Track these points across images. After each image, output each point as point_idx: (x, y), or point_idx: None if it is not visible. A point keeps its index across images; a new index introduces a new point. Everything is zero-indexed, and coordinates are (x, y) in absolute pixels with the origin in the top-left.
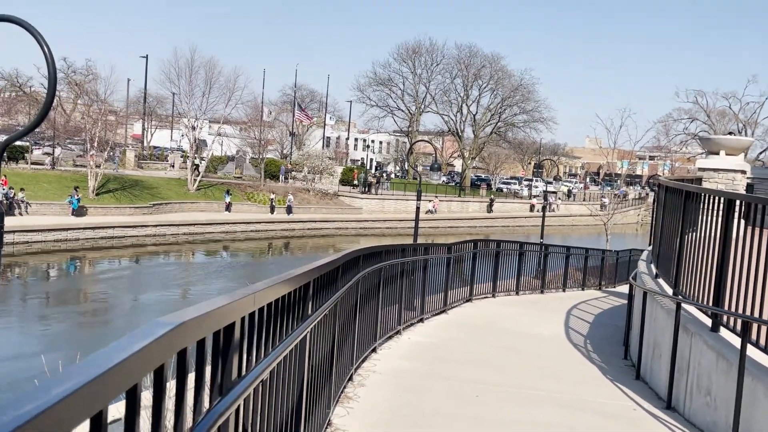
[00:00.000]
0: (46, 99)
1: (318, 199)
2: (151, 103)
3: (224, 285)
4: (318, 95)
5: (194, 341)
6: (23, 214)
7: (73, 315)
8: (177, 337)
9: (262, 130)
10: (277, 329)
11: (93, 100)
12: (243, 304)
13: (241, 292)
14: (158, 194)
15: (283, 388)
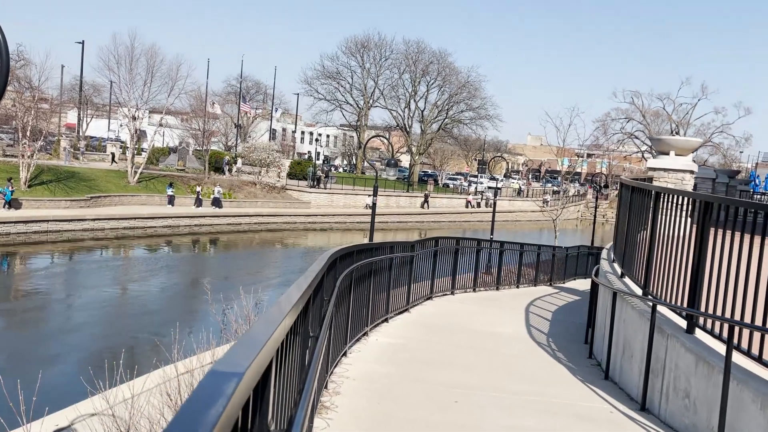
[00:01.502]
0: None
1: (265, 193)
2: (88, 91)
3: (165, 281)
4: (264, 87)
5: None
6: None
7: (2, 315)
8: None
9: (206, 121)
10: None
11: (25, 88)
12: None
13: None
14: (96, 187)
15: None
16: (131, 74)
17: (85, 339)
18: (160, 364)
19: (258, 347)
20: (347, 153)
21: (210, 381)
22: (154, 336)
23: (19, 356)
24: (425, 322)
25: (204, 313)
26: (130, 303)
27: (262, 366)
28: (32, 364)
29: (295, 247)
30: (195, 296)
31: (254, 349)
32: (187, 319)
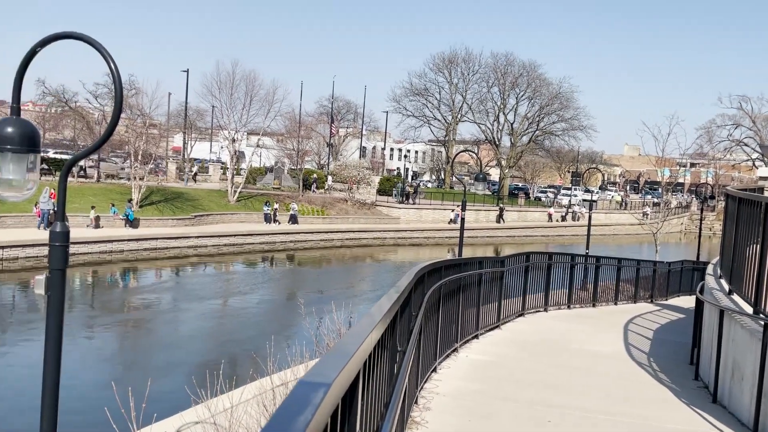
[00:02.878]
0: (113, 114)
1: (356, 209)
2: (192, 116)
3: (262, 296)
4: (354, 106)
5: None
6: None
7: (117, 326)
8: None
9: (299, 141)
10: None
11: (137, 115)
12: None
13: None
14: (200, 206)
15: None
16: (231, 99)
17: (189, 350)
18: (256, 376)
19: (345, 359)
20: (435, 168)
21: (300, 390)
22: (251, 348)
23: (131, 366)
24: (517, 340)
25: (298, 326)
26: (230, 316)
27: (350, 377)
28: (142, 373)
29: (385, 262)
30: (290, 310)
31: (342, 360)
32: (282, 332)
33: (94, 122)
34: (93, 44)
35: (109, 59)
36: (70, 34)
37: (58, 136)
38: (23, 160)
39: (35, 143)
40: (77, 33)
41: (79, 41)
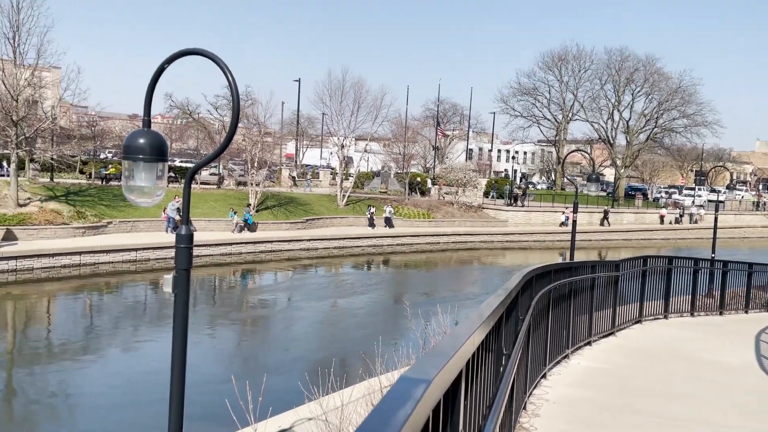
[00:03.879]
0: (231, 124)
1: (462, 212)
2: (303, 123)
3: (371, 297)
4: (460, 108)
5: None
6: (195, 231)
7: (236, 323)
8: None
9: (405, 145)
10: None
11: (253, 124)
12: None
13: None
14: (311, 210)
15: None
16: (341, 106)
17: (302, 348)
18: (365, 376)
19: (446, 358)
20: (545, 169)
21: (401, 385)
22: (360, 348)
23: (248, 362)
24: (633, 347)
25: (405, 328)
26: (339, 316)
27: (452, 375)
28: (258, 369)
29: (493, 265)
30: (397, 312)
31: (443, 359)
32: (390, 333)
33: (215, 132)
34: (213, 59)
35: (227, 72)
36: (194, 50)
37: (183, 146)
38: (153, 168)
39: (164, 153)
40: (200, 49)
41: (202, 57)
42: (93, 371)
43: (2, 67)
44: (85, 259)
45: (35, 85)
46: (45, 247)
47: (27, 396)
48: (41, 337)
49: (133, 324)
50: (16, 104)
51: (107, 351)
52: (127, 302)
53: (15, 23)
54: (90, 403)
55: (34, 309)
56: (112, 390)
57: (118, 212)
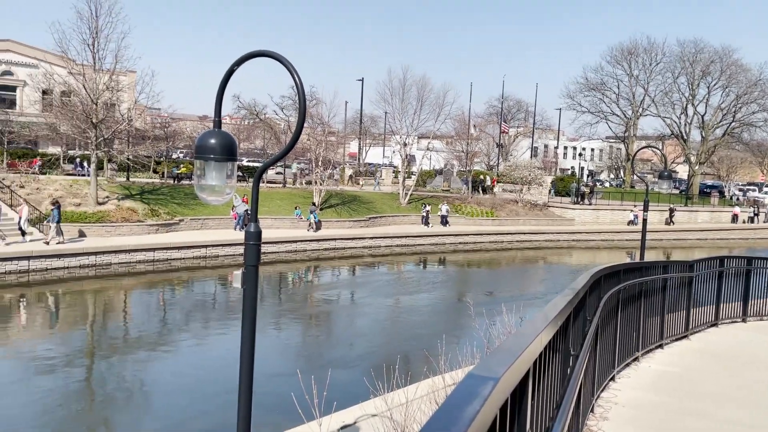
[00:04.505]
0: (297, 123)
1: (527, 210)
2: (366, 122)
3: (433, 295)
4: (525, 105)
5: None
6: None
7: (301, 319)
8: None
9: (468, 143)
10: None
11: (317, 123)
12: (531, 353)
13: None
14: (373, 208)
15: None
16: (403, 104)
17: (365, 344)
18: (429, 374)
19: (514, 356)
20: (614, 166)
21: (469, 382)
22: (423, 346)
23: (312, 356)
24: (708, 351)
25: (468, 327)
26: (402, 314)
27: (519, 374)
28: (323, 364)
29: (558, 265)
30: (460, 311)
31: (510, 357)
32: (453, 332)
33: (281, 132)
34: (281, 61)
35: (294, 74)
36: (262, 52)
37: (251, 146)
38: (223, 167)
39: (233, 153)
40: (268, 51)
41: (270, 58)
42: (166, 363)
43: (83, 72)
44: (158, 255)
45: (113, 88)
46: (122, 244)
47: (106, 385)
48: (119, 329)
49: (203, 318)
50: (95, 107)
51: (179, 343)
52: (198, 297)
53: (94, 30)
54: (163, 394)
55: (112, 302)
56: (184, 381)
57: (189, 210)
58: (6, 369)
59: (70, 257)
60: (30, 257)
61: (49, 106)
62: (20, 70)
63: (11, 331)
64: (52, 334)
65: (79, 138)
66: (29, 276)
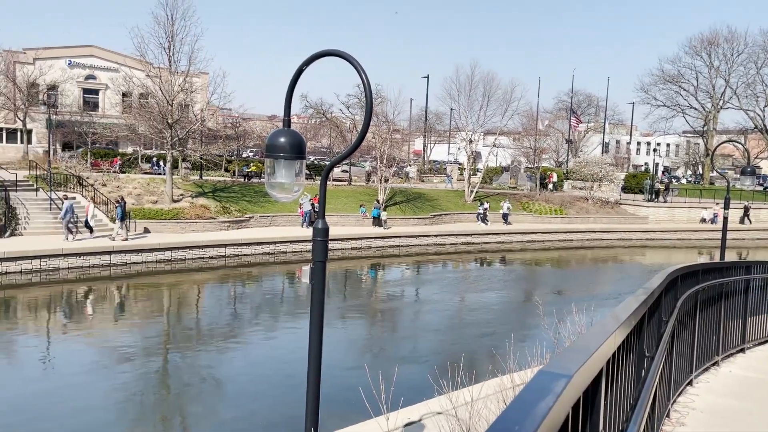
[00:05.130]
0: (364, 122)
1: (597, 208)
2: (431, 119)
3: (500, 294)
4: (596, 99)
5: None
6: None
7: (366, 315)
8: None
9: (536, 139)
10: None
11: (382, 121)
12: (604, 351)
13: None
14: (438, 206)
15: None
16: (469, 101)
17: (430, 342)
18: (496, 372)
19: (586, 355)
20: (691, 162)
21: (540, 379)
22: (489, 345)
23: (378, 352)
24: None
25: (536, 326)
26: (468, 312)
27: (592, 373)
28: (388, 359)
29: (631, 264)
30: (527, 310)
31: (583, 356)
32: (520, 331)
33: (346, 130)
34: (349, 60)
35: (362, 73)
36: (331, 52)
37: (317, 144)
38: (293, 165)
39: (302, 151)
40: (336, 50)
41: (337, 58)
42: (237, 355)
43: (159, 74)
44: (229, 251)
45: (187, 90)
46: (196, 240)
47: (180, 375)
48: (192, 322)
49: (271, 312)
50: (170, 108)
51: (249, 337)
52: (267, 291)
53: (170, 34)
54: (234, 385)
55: (186, 296)
56: (254, 373)
57: (258, 207)
58: (91, 357)
59: (147, 252)
60: (111, 252)
61: (129, 108)
62: (102, 74)
63: (95, 321)
64: (132, 325)
65: (156, 138)
66: (111, 270)
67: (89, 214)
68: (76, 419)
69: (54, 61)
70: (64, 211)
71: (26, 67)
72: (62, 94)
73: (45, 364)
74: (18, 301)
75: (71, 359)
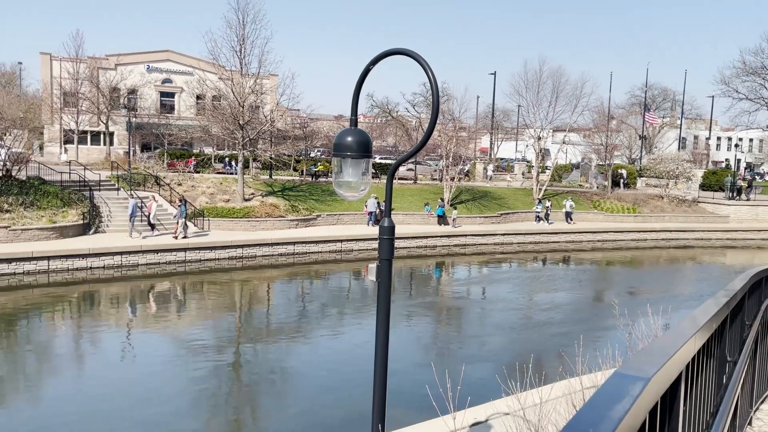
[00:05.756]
0: (431, 120)
1: (674, 207)
2: (498, 117)
3: (569, 294)
4: (671, 93)
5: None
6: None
7: (431, 313)
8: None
9: (608, 135)
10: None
11: (448, 119)
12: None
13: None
14: (505, 204)
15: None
16: (538, 97)
17: (497, 341)
18: (564, 374)
19: (665, 358)
20: None
21: (616, 381)
22: (557, 346)
23: (444, 351)
24: None
25: (608, 328)
26: (537, 312)
27: (670, 377)
28: (454, 358)
29: (711, 265)
30: (598, 311)
31: (661, 358)
32: (590, 333)
33: (412, 129)
34: (416, 58)
35: (429, 71)
36: (397, 50)
37: (383, 143)
38: (359, 164)
39: (368, 150)
40: (403, 49)
41: (404, 56)
42: (304, 351)
43: (231, 77)
44: (297, 248)
45: (257, 92)
46: (266, 237)
47: (251, 368)
48: (262, 317)
49: (338, 309)
50: (242, 110)
51: (316, 333)
52: (333, 289)
53: (241, 37)
54: (302, 380)
55: (256, 292)
56: (321, 369)
57: (325, 206)
58: (169, 350)
59: (220, 249)
60: (186, 249)
61: (202, 110)
62: (178, 78)
63: (171, 315)
64: (205, 319)
65: (228, 139)
66: (186, 266)
67: (152, 213)
68: (152, 408)
69: (134, 66)
70: (131, 210)
71: (108, 73)
72: (141, 97)
73: (126, 354)
74: (101, 295)
75: (150, 350)
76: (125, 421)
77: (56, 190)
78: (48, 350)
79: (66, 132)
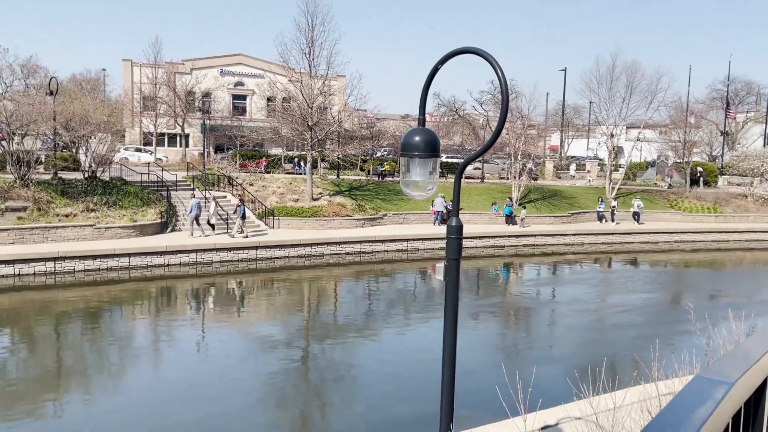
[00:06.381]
0: (500, 118)
1: (758, 206)
2: (569, 114)
3: (645, 296)
4: (756, 86)
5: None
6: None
7: (500, 314)
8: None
9: (686, 131)
10: None
11: (516, 117)
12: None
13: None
14: (576, 203)
15: None
16: (611, 92)
17: (568, 344)
18: (639, 380)
19: (749, 362)
20: None
21: (697, 384)
22: (631, 350)
23: (512, 352)
24: None
25: (684, 332)
26: (610, 315)
27: (754, 383)
28: (523, 360)
29: None
30: (674, 314)
31: (745, 363)
32: (666, 337)
33: (479, 127)
34: (485, 56)
35: (498, 69)
36: (466, 49)
37: (449, 142)
38: (427, 164)
39: (436, 149)
40: (471, 48)
41: (472, 55)
42: (371, 348)
43: (300, 79)
44: (364, 247)
45: (325, 93)
46: (334, 236)
47: (318, 365)
48: (330, 315)
49: (404, 308)
50: (311, 111)
51: (383, 331)
52: (399, 288)
53: (310, 40)
54: (369, 378)
55: (324, 290)
56: (388, 367)
57: (391, 206)
58: (240, 346)
59: (289, 248)
60: (257, 247)
61: (273, 112)
62: (249, 81)
63: (243, 311)
64: (275, 316)
65: (297, 140)
66: (257, 264)
67: (211, 212)
68: (223, 401)
69: (207, 70)
70: (191, 209)
71: (184, 77)
72: (215, 100)
73: (200, 349)
74: (177, 291)
75: (222, 346)
76: (198, 410)
77: (136, 190)
78: (128, 343)
79: (145, 134)
